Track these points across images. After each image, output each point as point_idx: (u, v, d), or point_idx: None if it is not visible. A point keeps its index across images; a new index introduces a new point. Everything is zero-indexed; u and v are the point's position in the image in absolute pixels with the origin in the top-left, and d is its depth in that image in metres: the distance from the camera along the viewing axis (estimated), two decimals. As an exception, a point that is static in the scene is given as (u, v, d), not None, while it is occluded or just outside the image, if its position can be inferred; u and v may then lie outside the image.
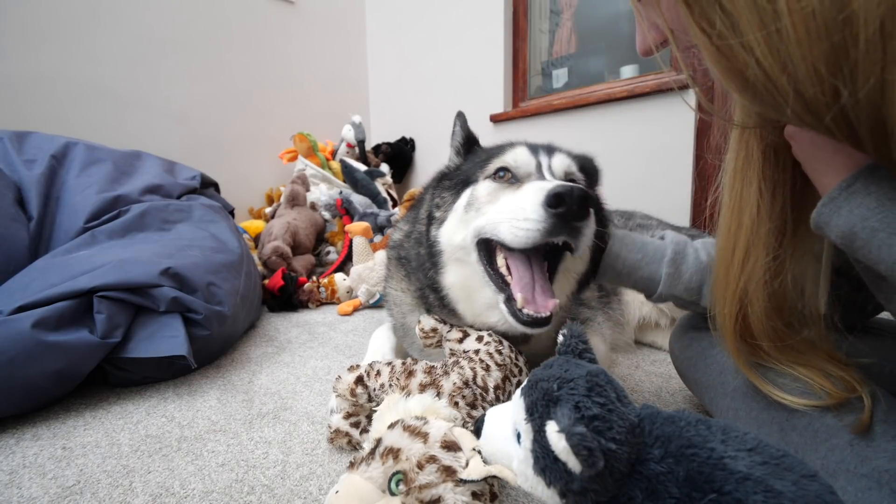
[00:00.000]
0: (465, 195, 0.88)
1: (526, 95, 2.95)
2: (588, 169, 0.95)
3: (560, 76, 2.88)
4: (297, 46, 3.22)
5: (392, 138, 3.50)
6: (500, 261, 0.80)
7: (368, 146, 3.28)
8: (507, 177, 0.85)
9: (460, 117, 1.04)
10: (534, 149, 0.89)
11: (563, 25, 2.87)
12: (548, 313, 0.72)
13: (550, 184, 0.72)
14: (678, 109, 2.17)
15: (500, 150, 0.91)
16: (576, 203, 0.67)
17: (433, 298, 0.93)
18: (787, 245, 0.61)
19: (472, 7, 2.97)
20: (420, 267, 0.96)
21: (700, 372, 0.82)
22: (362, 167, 2.98)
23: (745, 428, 0.43)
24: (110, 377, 1.04)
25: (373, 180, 2.85)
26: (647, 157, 2.28)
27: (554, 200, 0.68)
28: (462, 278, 0.86)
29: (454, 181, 0.94)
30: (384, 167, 3.16)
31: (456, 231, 0.87)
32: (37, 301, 0.95)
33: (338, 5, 3.49)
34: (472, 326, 0.89)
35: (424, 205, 1.00)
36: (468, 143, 1.02)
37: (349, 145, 3.16)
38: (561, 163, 0.87)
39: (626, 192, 2.07)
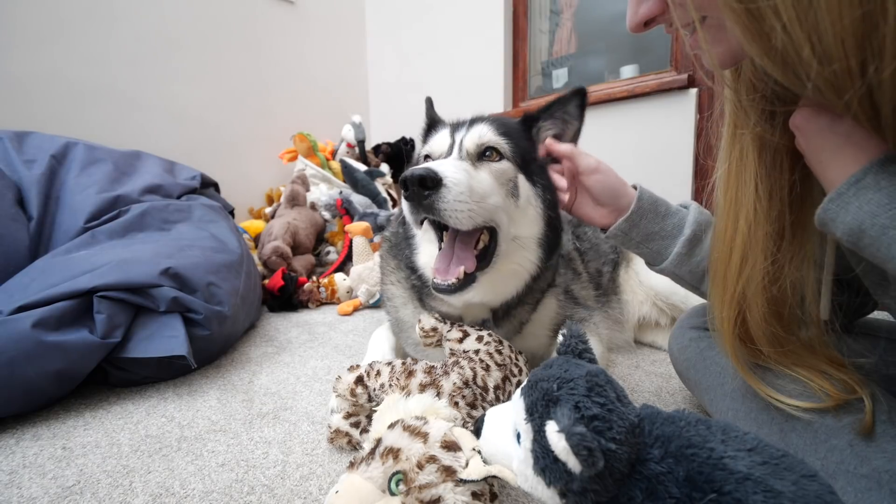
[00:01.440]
0: None
1: (526, 95, 2.95)
2: (513, 131, 0.92)
3: (560, 76, 2.88)
4: (297, 46, 3.21)
5: (392, 138, 3.49)
6: (444, 237, 0.85)
7: (368, 146, 3.27)
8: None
9: (427, 103, 1.10)
10: (456, 127, 0.92)
11: (563, 25, 2.87)
12: (452, 280, 0.78)
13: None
14: (678, 109, 2.17)
15: (431, 134, 0.97)
16: (415, 184, 0.72)
17: (414, 278, 0.98)
18: (786, 250, 0.59)
19: (472, 7, 2.97)
20: (399, 244, 1.03)
21: (699, 373, 0.82)
22: (362, 167, 2.97)
23: (744, 428, 0.43)
24: (110, 377, 1.04)
25: (373, 180, 2.85)
26: (647, 157, 2.28)
27: (402, 186, 0.74)
28: (431, 257, 0.91)
29: None
30: (384, 167, 3.15)
31: None
32: (37, 301, 0.95)
33: (338, 5, 3.48)
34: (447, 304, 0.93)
35: None
36: (429, 129, 1.07)
37: (349, 145, 3.15)
38: (472, 137, 0.88)
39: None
